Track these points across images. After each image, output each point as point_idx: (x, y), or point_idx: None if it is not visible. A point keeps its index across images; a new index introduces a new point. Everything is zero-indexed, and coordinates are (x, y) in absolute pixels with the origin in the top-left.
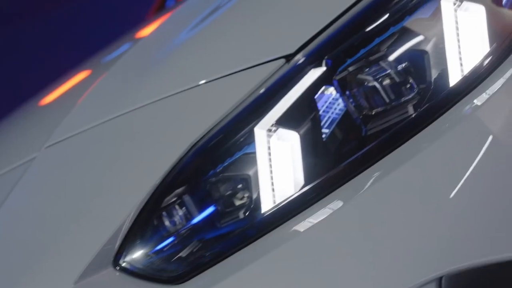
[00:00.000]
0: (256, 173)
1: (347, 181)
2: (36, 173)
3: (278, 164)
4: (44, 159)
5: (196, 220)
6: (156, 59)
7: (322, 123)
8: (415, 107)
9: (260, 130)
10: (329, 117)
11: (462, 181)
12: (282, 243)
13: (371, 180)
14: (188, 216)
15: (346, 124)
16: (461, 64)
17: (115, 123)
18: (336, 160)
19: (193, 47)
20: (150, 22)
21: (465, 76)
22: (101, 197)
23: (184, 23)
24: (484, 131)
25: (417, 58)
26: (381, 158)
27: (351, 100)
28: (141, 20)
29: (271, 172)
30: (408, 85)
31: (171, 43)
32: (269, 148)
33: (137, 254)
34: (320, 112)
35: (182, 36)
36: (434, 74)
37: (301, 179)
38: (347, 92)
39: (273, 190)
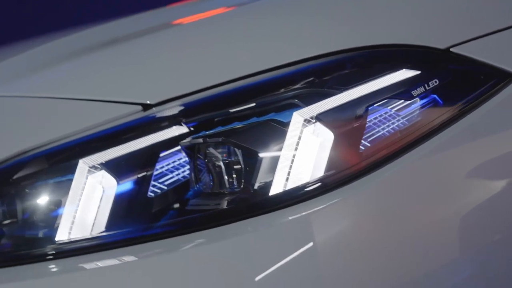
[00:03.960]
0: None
1: (145, 242)
2: None
3: (86, 202)
4: None
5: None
6: (57, 58)
7: (150, 181)
8: (234, 201)
9: (83, 165)
10: (163, 177)
11: (267, 271)
12: (64, 273)
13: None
14: None
15: (175, 190)
16: (287, 179)
17: None
18: (148, 219)
19: (85, 63)
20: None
21: (285, 191)
22: None
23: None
24: (288, 246)
25: (255, 156)
26: (185, 233)
27: (192, 169)
28: None
29: (77, 206)
30: (235, 179)
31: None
32: (84, 183)
33: None
34: (154, 170)
35: (94, 48)
36: (262, 177)
37: (102, 224)
38: (191, 161)
39: (72, 223)
